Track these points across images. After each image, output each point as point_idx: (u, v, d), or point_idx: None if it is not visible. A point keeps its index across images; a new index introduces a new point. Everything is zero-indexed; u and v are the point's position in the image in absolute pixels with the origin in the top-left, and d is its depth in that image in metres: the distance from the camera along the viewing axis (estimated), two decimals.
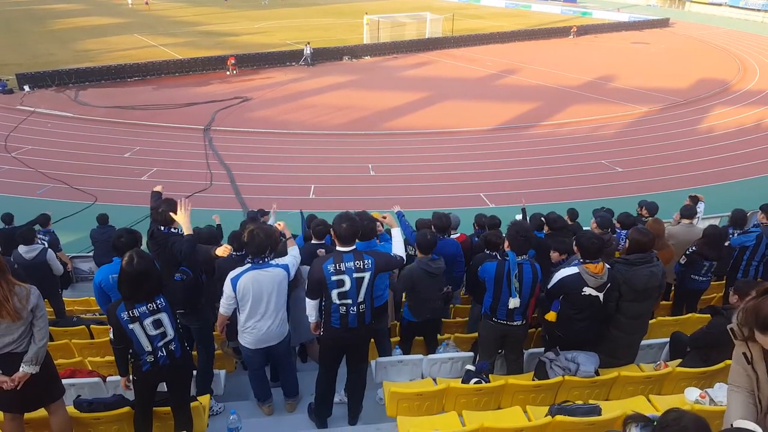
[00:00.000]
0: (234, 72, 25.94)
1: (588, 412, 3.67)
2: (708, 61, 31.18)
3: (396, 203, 6.74)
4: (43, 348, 3.52)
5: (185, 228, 4.20)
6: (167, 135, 17.86)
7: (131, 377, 3.81)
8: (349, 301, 3.99)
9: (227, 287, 4.12)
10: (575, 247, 4.48)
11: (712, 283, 6.54)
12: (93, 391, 4.58)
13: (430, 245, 4.98)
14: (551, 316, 4.60)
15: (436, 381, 4.59)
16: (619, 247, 6.44)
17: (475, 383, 4.29)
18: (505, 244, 4.53)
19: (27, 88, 22.31)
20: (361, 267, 3.95)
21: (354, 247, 4.01)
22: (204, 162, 15.48)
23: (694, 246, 6.04)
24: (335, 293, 3.96)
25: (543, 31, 39.54)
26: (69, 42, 32.14)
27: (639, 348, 4.81)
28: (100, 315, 6.90)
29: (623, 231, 6.72)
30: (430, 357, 5.08)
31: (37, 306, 3.49)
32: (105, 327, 6.12)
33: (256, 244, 4.05)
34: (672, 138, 18.06)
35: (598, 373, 4.37)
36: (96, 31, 35.73)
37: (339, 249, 4.00)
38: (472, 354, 5.11)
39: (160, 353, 3.70)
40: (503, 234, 5.75)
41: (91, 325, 6.31)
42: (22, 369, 3.43)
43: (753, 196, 12.45)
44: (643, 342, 4.91)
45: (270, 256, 4.16)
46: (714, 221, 9.57)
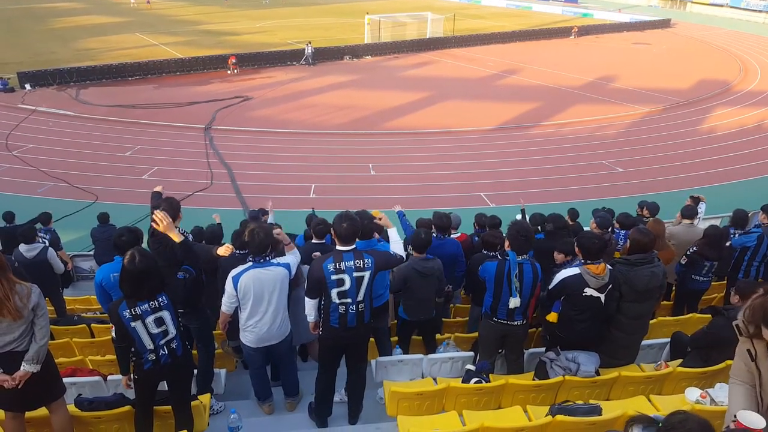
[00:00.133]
0: (235, 71, 25.94)
1: (588, 412, 3.67)
2: (709, 62, 31.16)
3: (397, 203, 6.75)
4: (44, 347, 3.52)
5: (174, 237, 3.99)
6: (168, 134, 17.88)
7: (132, 376, 3.81)
8: (349, 300, 3.99)
9: (228, 286, 4.12)
10: (576, 248, 4.47)
11: (712, 284, 6.54)
12: (94, 390, 4.58)
13: (423, 244, 4.98)
14: (552, 316, 4.59)
15: (436, 381, 4.58)
16: (618, 248, 6.43)
17: (476, 383, 4.29)
18: (506, 243, 4.53)
19: (28, 86, 22.32)
20: (361, 266, 3.95)
21: (354, 246, 4.01)
22: (205, 161, 15.49)
23: (694, 246, 6.03)
24: (335, 292, 3.96)
25: (544, 32, 39.52)
26: (70, 41, 32.16)
27: (640, 348, 4.81)
28: (101, 314, 6.90)
29: (622, 231, 6.71)
30: (430, 357, 5.08)
31: (38, 305, 3.49)
32: (106, 326, 6.13)
33: (257, 243, 4.05)
34: (673, 138, 18.05)
35: (598, 373, 4.37)
36: (97, 30, 35.76)
37: (339, 248, 4.00)
38: (472, 354, 5.11)
39: (161, 351, 3.70)
40: (503, 234, 5.77)
41: (92, 324, 6.32)
42: (23, 368, 3.43)
43: (754, 196, 12.44)
44: (644, 342, 4.91)
45: (271, 254, 4.16)
46: (715, 221, 9.56)
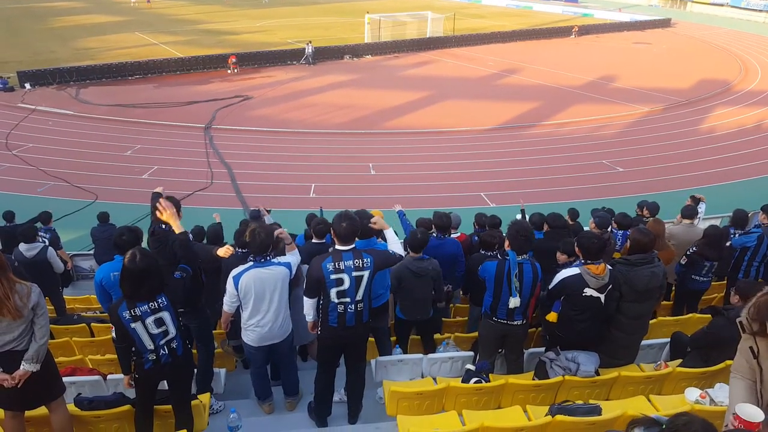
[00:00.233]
0: (235, 70, 25.92)
1: (588, 411, 3.67)
2: (709, 62, 31.15)
3: (397, 202, 6.75)
4: (44, 346, 3.52)
5: (175, 228, 4.12)
6: (168, 133, 17.87)
7: (133, 375, 3.81)
8: (348, 300, 4.00)
9: (230, 285, 4.14)
10: (576, 248, 4.47)
11: (712, 284, 6.54)
12: (93, 389, 4.59)
13: (418, 244, 4.98)
14: (552, 316, 4.59)
15: (436, 380, 4.58)
16: (617, 248, 6.43)
17: (475, 383, 4.29)
18: (506, 243, 4.53)
19: (28, 85, 22.31)
20: (360, 266, 3.95)
21: (353, 246, 4.01)
22: (205, 160, 15.49)
23: (694, 246, 6.03)
24: (334, 292, 3.96)
25: (544, 31, 39.51)
26: (70, 40, 32.15)
27: (639, 348, 4.81)
28: (100, 313, 6.91)
29: (620, 231, 6.71)
30: (430, 356, 5.08)
31: (38, 304, 3.49)
32: (105, 325, 6.13)
33: (258, 243, 4.06)
34: (673, 138, 18.05)
35: (598, 373, 4.37)
36: (97, 29, 35.75)
37: (338, 248, 4.00)
38: (472, 353, 5.11)
39: (162, 351, 3.70)
40: (502, 234, 5.76)
41: (92, 323, 6.32)
42: (22, 367, 3.43)
43: (754, 196, 12.44)
44: (644, 342, 4.91)
45: (271, 254, 4.17)
46: (715, 221, 9.56)
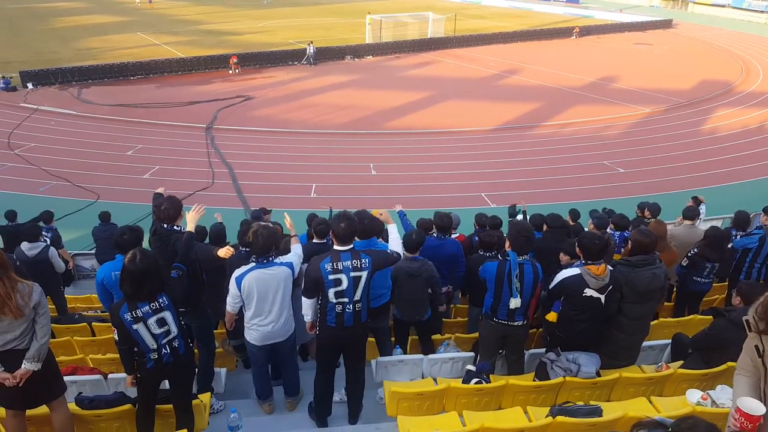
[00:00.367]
0: (236, 71, 25.95)
1: (589, 413, 3.66)
2: (711, 63, 31.11)
3: (398, 202, 6.75)
4: (45, 345, 3.53)
5: (189, 226, 4.26)
6: (169, 133, 17.89)
7: (135, 375, 3.81)
8: (346, 300, 4.00)
9: (232, 286, 4.15)
10: (577, 248, 4.46)
11: (714, 285, 6.52)
12: (94, 389, 4.59)
13: (412, 245, 5.01)
14: (552, 316, 4.60)
15: (436, 381, 4.58)
16: (618, 249, 6.42)
17: (476, 383, 4.29)
18: (507, 244, 4.53)
19: (30, 85, 22.35)
20: (359, 266, 3.96)
21: (351, 246, 4.01)
22: (206, 160, 15.50)
23: (695, 248, 6.02)
24: (332, 292, 3.97)
25: (545, 32, 39.48)
26: (72, 40, 32.20)
27: (640, 349, 4.80)
28: (102, 312, 6.92)
29: (616, 232, 6.72)
30: (430, 357, 5.08)
31: (40, 303, 3.50)
32: (106, 324, 6.14)
33: (260, 243, 4.07)
34: (675, 139, 18.02)
35: (599, 374, 4.37)
36: (99, 30, 35.80)
37: (336, 248, 4.00)
38: (472, 354, 5.10)
39: (164, 351, 3.70)
40: (502, 234, 5.76)
41: (93, 323, 6.33)
42: (24, 366, 3.44)
43: (756, 197, 12.41)
44: (645, 343, 4.90)
45: (274, 254, 4.18)
46: (717, 222, 9.54)
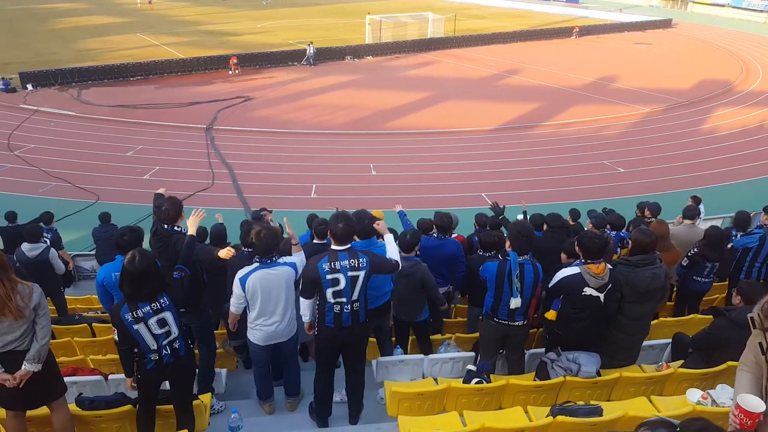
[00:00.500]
0: (236, 71, 25.96)
1: (589, 412, 3.66)
2: (710, 62, 31.11)
3: (398, 203, 6.76)
4: (46, 346, 3.53)
5: (190, 230, 4.26)
6: (169, 134, 17.90)
7: (135, 376, 3.81)
8: (344, 300, 4.00)
9: (236, 287, 4.15)
10: (576, 247, 4.47)
11: (714, 284, 6.52)
12: (95, 389, 4.59)
13: (406, 245, 5.06)
14: (551, 314, 4.61)
15: (437, 381, 4.58)
16: (615, 249, 6.42)
17: (477, 383, 4.29)
18: (507, 244, 4.53)
19: (30, 86, 22.35)
20: (356, 265, 3.95)
21: (349, 246, 4.01)
22: (206, 161, 15.50)
23: (695, 247, 6.02)
24: (330, 292, 3.96)
25: (545, 32, 39.48)
26: (72, 41, 32.20)
27: (641, 349, 4.80)
28: (102, 313, 6.91)
29: (612, 232, 6.73)
30: (431, 357, 5.08)
31: (40, 304, 3.50)
32: (107, 325, 6.14)
33: (263, 244, 4.07)
34: (674, 139, 18.02)
35: (599, 374, 4.37)
36: (98, 30, 35.80)
37: (334, 247, 3.99)
38: (473, 354, 5.10)
39: (164, 351, 3.70)
40: (502, 234, 5.76)
41: (93, 324, 6.33)
42: (24, 367, 3.44)
43: (756, 196, 12.41)
44: (645, 343, 4.90)
45: (276, 254, 4.18)
46: (717, 222, 9.54)
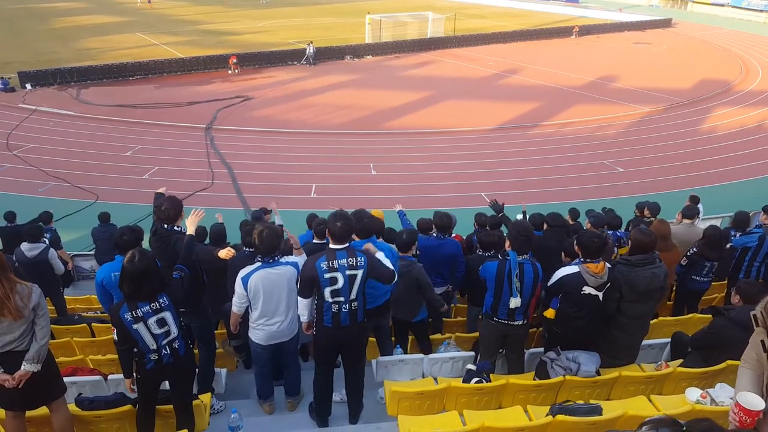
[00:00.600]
0: (236, 71, 25.93)
1: (589, 411, 3.67)
2: (710, 62, 31.12)
3: (397, 202, 6.76)
4: (45, 346, 3.53)
5: (189, 230, 4.27)
6: (169, 134, 17.88)
7: (135, 376, 3.80)
8: (342, 299, 3.99)
9: (238, 286, 4.14)
10: (576, 246, 4.47)
11: (713, 284, 6.53)
12: (94, 389, 4.59)
13: (403, 245, 5.09)
14: (550, 313, 4.62)
15: (437, 380, 4.58)
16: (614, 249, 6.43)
17: (476, 383, 4.29)
18: (507, 243, 4.53)
19: (29, 86, 22.32)
20: (354, 264, 3.94)
21: (347, 245, 4.00)
22: (205, 161, 15.49)
23: (695, 247, 6.03)
24: (328, 291, 3.95)
25: (545, 31, 39.49)
26: (71, 40, 32.18)
27: (640, 348, 4.81)
28: (101, 313, 6.91)
29: (609, 232, 6.74)
30: (431, 356, 5.09)
31: (39, 305, 3.49)
32: (106, 325, 6.14)
33: (266, 244, 4.07)
34: (674, 138, 18.03)
35: (599, 373, 4.37)
36: (98, 30, 35.77)
37: (332, 247, 3.99)
38: (473, 353, 5.11)
39: (164, 351, 3.70)
40: (502, 233, 5.76)
41: (93, 324, 6.33)
42: (23, 367, 3.43)
43: (755, 196, 12.42)
44: (645, 342, 4.91)
45: (278, 254, 4.19)
46: (716, 221, 9.55)
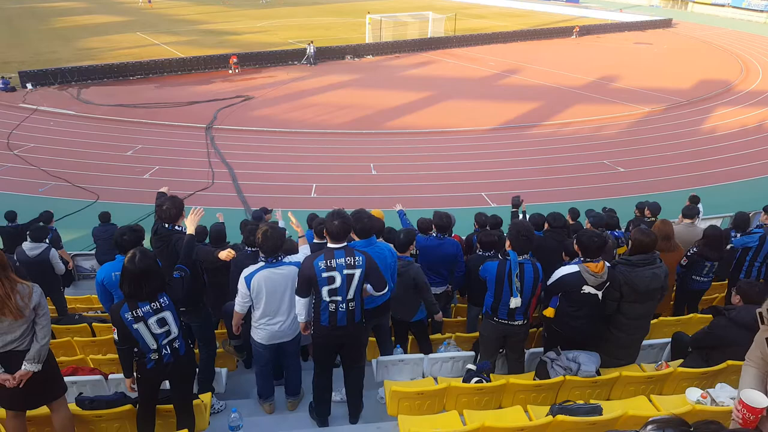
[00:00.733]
0: (236, 71, 25.95)
1: (589, 411, 3.67)
2: (710, 62, 31.12)
3: (398, 202, 6.77)
4: (45, 346, 3.53)
5: (189, 229, 4.27)
6: (169, 133, 17.89)
7: (135, 375, 3.81)
8: (339, 299, 3.98)
9: (242, 286, 4.15)
10: (575, 246, 4.47)
11: (713, 284, 6.53)
12: (95, 389, 4.60)
13: (400, 244, 5.09)
14: (549, 311, 4.62)
15: (437, 380, 4.58)
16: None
17: (476, 382, 4.29)
18: (507, 243, 4.53)
19: (30, 86, 22.33)
20: (352, 263, 3.93)
21: (345, 244, 4.00)
22: (206, 160, 15.49)
23: (695, 247, 6.03)
24: (325, 290, 3.95)
25: (545, 31, 39.49)
26: (72, 40, 32.19)
27: (640, 348, 4.81)
28: (102, 313, 6.92)
29: (607, 231, 6.75)
30: (431, 356, 5.09)
31: (40, 304, 3.50)
32: (107, 325, 6.15)
33: (270, 244, 4.08)
34: (674, 138, 18.03)
35: (599, 373, 4.38)
36: (98, 30, 35.78)
37: (330, 246, 3.99)
38: (473, 353, 5.11)
39: (164, 351, 3.70)
40: (502, 233, 5.76)
41: (93, 323, 6.33)
42: (24, 367, 3.43)
43: (755, 196, 12.43)
44: (645, 342, 4.91)
45: (282, 254, 4.20)
46: (716, 222, 9.55)
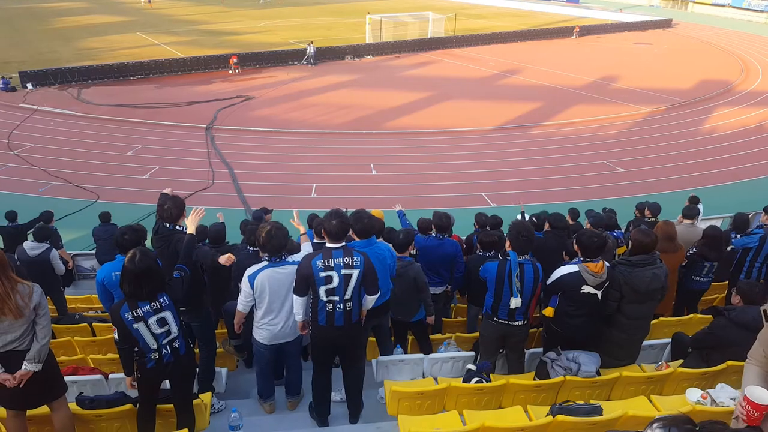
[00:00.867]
0: (236, 71, 25.96)
1: (589, 412, 3.67)
2: (711, 62, 31.12)
3: (397, 202, 6.77)
4: (46, 346, 3.53)
5: (189, 229, 4.26)
6: (169, 133, 17.89)
7: (135, 375, 3.81)
8: (336, 299, 3.97)
9: (245, 285, 4.14)
10: (575, 245, 4.47)
11: (713, 284, 6.53)
12: (95, 389, 4.60)
13: (399, 245, 5.11)
14: (549, 311, 4.62)
15: (437, 380, 4.59)
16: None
17: (476, 383, 4.29)
18: (507, 244, 4.53)
19: (30, 86, 22.34)
20: (350, 264, 3.92)
21: (343, 244, 3.99)
22: (206, 161, 15.50)
23: (694, 247, 6.04)
24: (323, 290, 3.94)
25: (545, 32, 39.50)
26: (72, 40, 32.20)
27: (641, 348, 4.81)
28: (102, 313, 6.92)
29: (605, 232, 6.77)
30: (431, 356, 5.09)
31: (40, 304, 3.49)
32: (107, 325, 6.15)
33: (273, 244, 4.07)
34: (674, 139, 18.03)
35: (599, 373, 4.38)
36: (99, 30, 35.80)
37: (328, 245, 3.98)
38: (473, 353, 5.11)
39: (164, 351, 3.70)
40: (502, 233, 5.76)
41: (93, 323, 6.34)
42: (24, 367, 3.43)
43: (756, 196, 12.43)
44: (645, 342, 4.91)
45: (285, 254, 4.20)
46: (716, 222, 9.56)
